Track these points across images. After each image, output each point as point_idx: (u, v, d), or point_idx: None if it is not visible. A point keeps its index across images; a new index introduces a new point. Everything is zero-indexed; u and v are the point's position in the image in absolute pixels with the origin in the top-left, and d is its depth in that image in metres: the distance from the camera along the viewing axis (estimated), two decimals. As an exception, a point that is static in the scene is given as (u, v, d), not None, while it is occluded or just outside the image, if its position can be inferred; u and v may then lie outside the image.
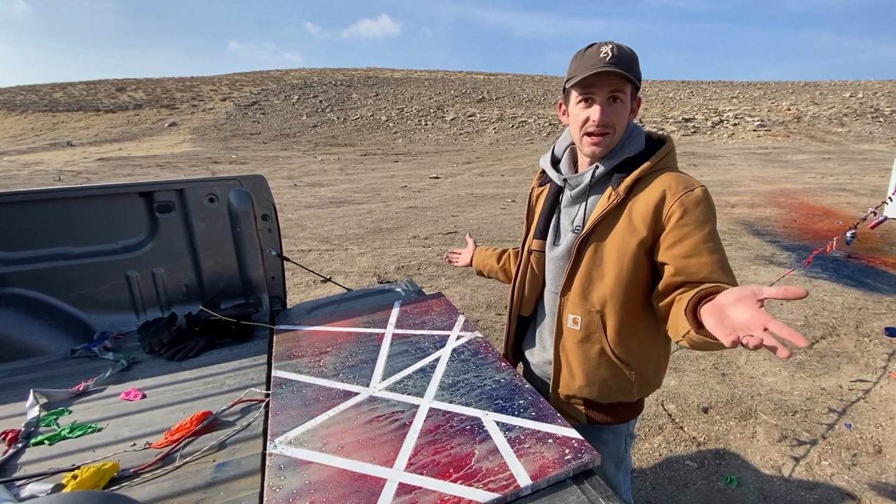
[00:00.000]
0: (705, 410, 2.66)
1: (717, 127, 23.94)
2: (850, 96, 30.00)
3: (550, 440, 0.93)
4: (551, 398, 1.22)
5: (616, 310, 1.08)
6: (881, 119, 24.50)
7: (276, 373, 1.26)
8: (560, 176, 1.17)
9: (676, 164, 1.10)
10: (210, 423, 1.10)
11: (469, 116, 27.17)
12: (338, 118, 27.07)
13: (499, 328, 3.69)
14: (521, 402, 1.07)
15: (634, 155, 1.07)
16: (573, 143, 1.19)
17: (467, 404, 1.07)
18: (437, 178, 12.52)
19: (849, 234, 4.58)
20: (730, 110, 26.75)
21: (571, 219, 1.15)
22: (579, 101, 1.04)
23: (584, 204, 1.13)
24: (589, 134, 1.04)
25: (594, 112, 1.02)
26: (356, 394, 1.14)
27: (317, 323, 1.59)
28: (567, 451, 0.90)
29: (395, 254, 5.71)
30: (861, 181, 10.31)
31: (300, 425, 1.02)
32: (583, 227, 1.09)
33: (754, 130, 23.07)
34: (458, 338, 1.40)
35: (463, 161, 16.33)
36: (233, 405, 1.17)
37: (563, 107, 1.14)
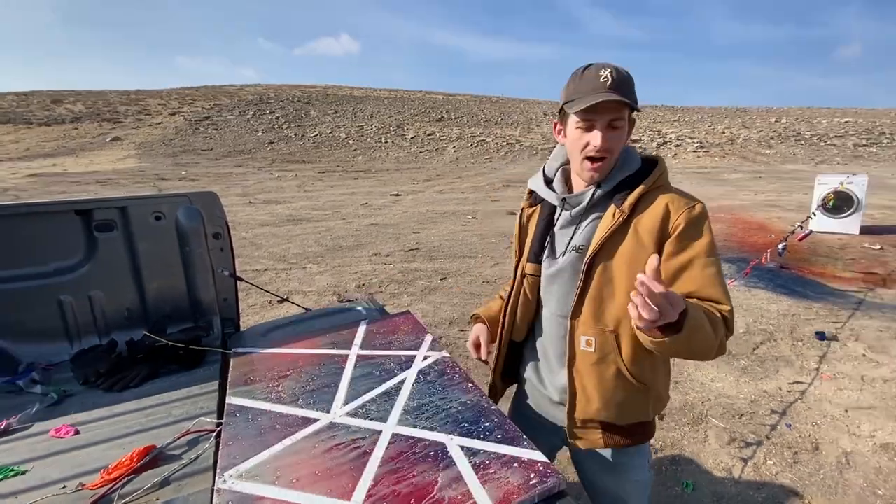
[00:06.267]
0: (661, 418, 2.75)
1: (661, 148, 25.49)
2: (776, 121, 32.92)
3: (516, 464, 0.92)
4: (567, 425, 1.17)
5: (630, 329, 1.04)
6: (802, 142, 26.97)
7: (230, 400, 1.19)
8: (557, 196, 1.13)
9: (669, 183, 1.12)
10: (154, 458, 1.02)
11: (429, 135, 27.50)
12: (295, 135, 26.63)
13: (461, 345, 3.68)
14: (488, 424, 1.05)
15: (632, 174, 1.07)
16: (565, 164, 1.17)
17: (432, 428, 1.04)
18: (397, 195, 12.50)
19: (780, 246, 4.97)
20: (672, 132, 28.62)
21: (569, 239, 1.12)
22: (579, 126, 1.02)
23: (582, 224, 1.10)
24: (588, 158, 1.03)
25: (595, 138, 1.00)
26: (315, 420, 1.09)
27: (276, 345, 1.52)
28: (532, 476, 0.88)
29: (356, 271, 5.62)
30: (789, 198, 11.23)
31: (253, 457, 0.96)
32: (587, 247, 1.07)
33: (694, 151, 24.79)
34: (425, 358, 1.37)
35: (423, 178, 16.43)
36: (179, 437, 1.09)
37: (560, 126, 1.11)
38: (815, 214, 7.59)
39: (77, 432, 1.15)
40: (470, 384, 1.22)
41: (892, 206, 10.17)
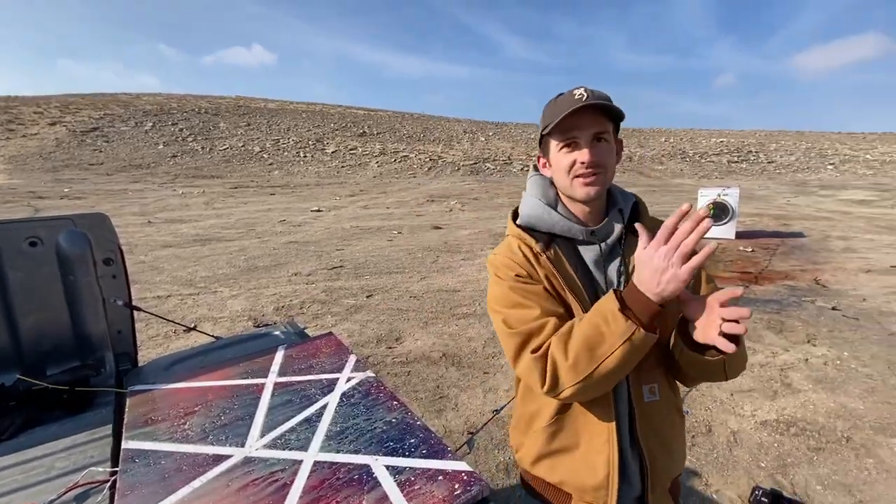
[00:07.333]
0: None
1: (572, 164, 27.51)
2: (665, 141, 37.15)
3: (441, 477, 0.93)
4: (648, 500, 0.97)
5: (672, 364, 0.97)
6: (687, 159, 30.70)
7: (126, 444, 1.07)
8: (586, 229, 0.97)
9: None
10: (30, 523, 0.88)
11: (351, 150, 27.13)
12: (202, 148, 24.82)
13: (389, 363, 3.64)
14: (413, 440, 1.05)
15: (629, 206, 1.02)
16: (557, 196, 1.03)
17: (356, 451, 1.02)
18: (319, 211, 12.13)
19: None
20: (580, 150, 31.11)
21: (613, 278, 0.96)
22: (562, 148, 0.92)
23: (620, 258, 0.97)
24: (579, 175, 0.91)
25: (581, 154, 0.90)
26: (228, 457, 1.01)
27: (181, 379, 1.39)
28: (457, 486, 0.90)
29: (274, 293, 5.32)
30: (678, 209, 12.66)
31: (157, 505, 0.87)
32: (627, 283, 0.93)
33: (600, 167, 27.09)
34: (349, 380, 1.34)
35: (346, 194, 16.13)
36: (65, 492, 0.97)
37: (543, 159, 1.01)
38: (699, 223, 8.65)
39: (-77, 504, 0.96)
40: (395, 402, 1.21)
41: (759, 214, 11.91)
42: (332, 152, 26.39)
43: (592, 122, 0.89)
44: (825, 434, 2.71)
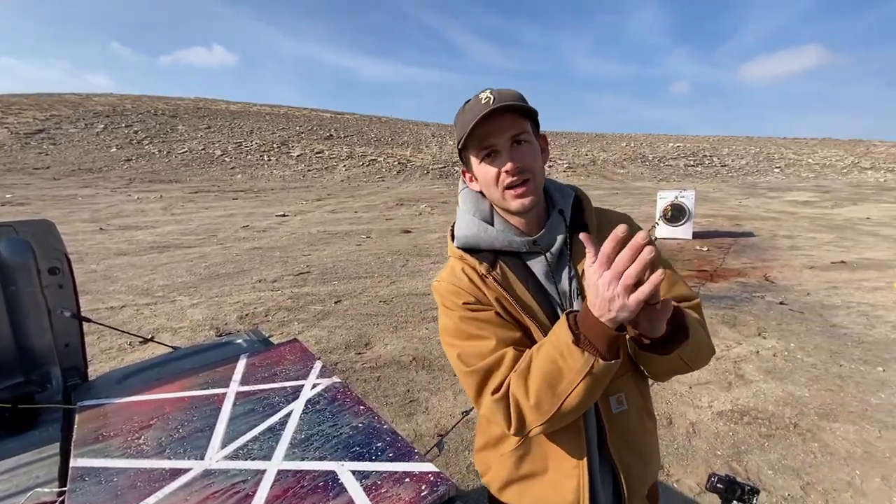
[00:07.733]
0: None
1: (538, 167, 28.17)
2: (626, 145, 38.51)
3: (407, 479, 0.93)
4: None
5: (638, 367, 0.93)
6: (647, 163, 31.92)
7: (75, 462, 1.01)
8: (527, 240, 0.89)
9: None
10: (-35, 553, 0.83)
11: (317, 153, 26.69)
12: (159, 151, 23.81)
13: (360, 368, 3.60)
14: (379, 444, 1.05)
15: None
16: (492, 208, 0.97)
17: (321, 458, 1.01)
18: (284, 215, 11.86)
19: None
20: (546, 153, 31.93)
21: (566, 288, 0.90)
22: (482, 160, 0.86)
23: (569, 264, 0.90)
24: (509, 187, 0.85)
25: (503, 163, 0.83)
26: (187, 470, 0.98)
27: (135, 392, 1.33)
28: (423, 487, 0.91)
29: (237, 301, 5.16)
30: (639, 210, 13.13)
31: (109, 525, 0.83)
32: (581, 291, 0.88)
33: (564, 171, 27.81)
34: (314, 386, 1.32)
35: (313, 198, 15.84)
36: (5, 520, 0.90)
37: (468, 173, 0.94)
38: (658, 224, 9.00)
39: None
40: (362, 407, 1.21)
41: (714, 215, 12.51)
42: (298, 156, 25.88)
43: (507, 124, 0.83)
44: (775, 421, 2.87)
